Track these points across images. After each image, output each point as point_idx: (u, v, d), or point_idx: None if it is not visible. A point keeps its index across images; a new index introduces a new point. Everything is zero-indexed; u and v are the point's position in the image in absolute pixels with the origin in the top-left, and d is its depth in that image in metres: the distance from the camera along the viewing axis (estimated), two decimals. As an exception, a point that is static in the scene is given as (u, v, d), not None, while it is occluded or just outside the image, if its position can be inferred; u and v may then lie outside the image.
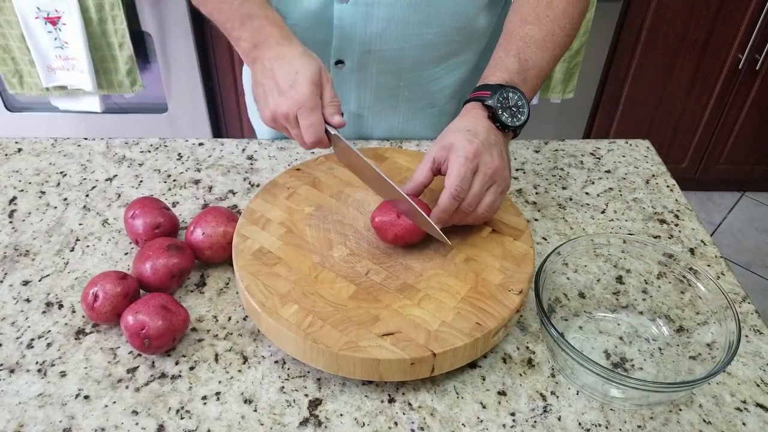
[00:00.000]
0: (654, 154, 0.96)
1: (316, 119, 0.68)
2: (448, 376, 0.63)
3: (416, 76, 0.89)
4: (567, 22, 0.75)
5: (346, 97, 0.92)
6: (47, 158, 0.91)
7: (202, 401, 0.60)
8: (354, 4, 0.80)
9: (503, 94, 0.68)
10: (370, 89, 0.90)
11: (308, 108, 0.68)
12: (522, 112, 0.69)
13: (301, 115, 0.68)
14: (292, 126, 0.70)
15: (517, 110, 0.69)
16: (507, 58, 0.72)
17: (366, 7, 0.80)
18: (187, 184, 0.87)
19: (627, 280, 0.71)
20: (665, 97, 2.01)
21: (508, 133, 0.70)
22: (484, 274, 0.66)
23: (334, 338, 0.59)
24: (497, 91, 0.68)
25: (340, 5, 0.80)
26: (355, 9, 0.80)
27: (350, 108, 0.93)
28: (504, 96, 0.68)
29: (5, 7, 1.58)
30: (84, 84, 1.69)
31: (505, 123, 0.68)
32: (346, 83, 0.90)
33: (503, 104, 0.68)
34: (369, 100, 0.92)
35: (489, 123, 0.68)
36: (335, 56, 0.86)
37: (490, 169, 0.65)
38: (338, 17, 0.82)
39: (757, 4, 1.81)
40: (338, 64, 0.87)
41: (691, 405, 0.61)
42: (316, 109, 0.69)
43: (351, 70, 0.88)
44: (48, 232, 0.79)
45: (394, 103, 0.93)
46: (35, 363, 0.63)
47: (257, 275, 0.65)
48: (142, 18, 1.68)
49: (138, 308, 0.62)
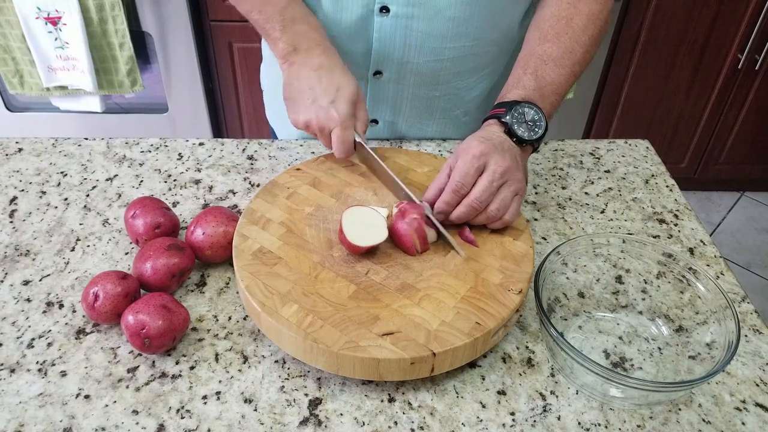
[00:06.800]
0: (653, 154, 0.96)
1: (349, 136, 0.76)
2: (448, 376, 0.63)
3: (452, 86, 0.90)
4: (587, 38, 0.76)
5: (383, 106, 0.93)
6: (48, 158, 0.91)
7: (202, 401, 0.60)
8: (394, 17, 0.81)
9: (519, 110, 0.71)
10: (406, 99, 0.91)
11: (344, 127, 0.75)
12: (539, 126, 0.71)
13: (336, 132, 0.75)
14: (323, 136, 0.77)
15: (534, 125, 0.71)
16: (524, 76, 0.75)
17: (405, 20, 0.81)
18: (188, 184, 0.87)
19: (626, 279, 0.71)
20: (664, 97, 2.01)
21: (526, 147, 0.72)
22: (484, 273, 0.66)
23: (334, 338, 0.59)
24: (512, 107, 0.71)
25: (380, 18, 0.81)
26: (394, 22, 0.81)
27: (386, 117, 0.94)
28: (519, 111, 0.71)
29: (6, 7, 1.59)
30: (84, 84, 1.70)
31: (521, 137, 0.70)
32: (383, 93, 0.91)
33: (519, 119, 0.71)
34: (405, 110, 0.93)
35: (504, 136, 0.71)
36: (374, 67, 0.87)
37: (500, 167, 0.66)
38: (378, 30, 0.82)
39: (756, 5, 1.81)
40: (376, 74, 0.88)
41: (691, 405, 0.61)
42: (350, 128, 0.76)
43: (388, 80, 0.89)
44: (48, 231, 0.79)
45: (429, 112, 0.94)
46: (36, 363, 0.63)
47: (257, 275, 0.65)
48: (143, 18, 1.68)
49: (138, 308, 0.62)
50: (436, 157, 0.84)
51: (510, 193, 0.68)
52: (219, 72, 1.87)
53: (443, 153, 0.93)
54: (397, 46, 0.84)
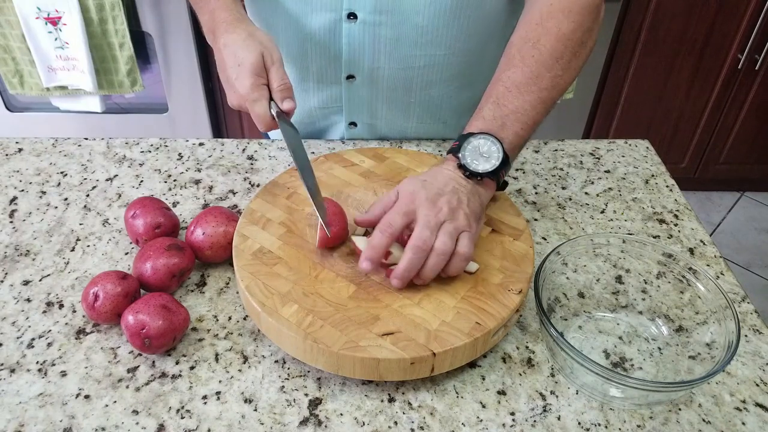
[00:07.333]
0: (653, 154, 0.96)
1: (260, 108, 0.70)
2: (448, 376, 0.63)
3: (426, 94, 0.89)
4: (554, 62, 0.71)
5: (359, 108, 0.92)
6: (48, 158, 0.91)
7: (202, 401, 0.60)
8: (362, 23, 0.80)
9: (473, 143, 0.68)
10: (381, 103, 0.91)
11: (251, 101, 0.70)
12: (496, 157, 0.67)
13: (248, 108, 0.71)
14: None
15: (489, 156, 0.67)
16: (485, 105, 0.71)
17: (373, 27, 0.80)
18: (188, 184, 0.87)
19: (626, 279, 0.71)
20: (665, 97, 2.01)
21: (485, 182, 0.68)
22: (484, 273, 0.66)
23: (334, 338, 0.59)
24: (465, 140, 0.68)
25: (348, 24, 0.81)
26: (362, 28, 0.81)
27: (364, 119, 0.94)
28: (474, 144, 0.68)
29: (6, 7, 1.59)
30: (84, 84, 1.70)
31: (474, 171, 0.67)
32: (357, 96, 0.90)
33: (472, 153, 0.67)
34: (381, 113, 0.93)
35: (454, 173, 0.67)
36: (346, 71, 0.87)
37: (431, 211, 0.63)
38: (347, 35, 0.82)
39: (756, 4, 1.81)
40: (349, 78, 0.88)
41: (691, 405, 0.61)
42: (259, 99, 0.70)
43: (362, 84, 0.88)
44: (48, 231, 0.79)
45: (405, 117, 0.93)
46: (36, 363, 0.63)
47: (257, 275, 0.65)
48: (142, 18, 1.68)
49: (138, 308, 0.62)
50: (436, 158, 0.84)
51: (451, 229, 0.62)
52: (219, 72, 1.86)
53: (443, 153, 0.93)
54: (366, 52, 0.84)
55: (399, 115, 0.92)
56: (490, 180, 0.68)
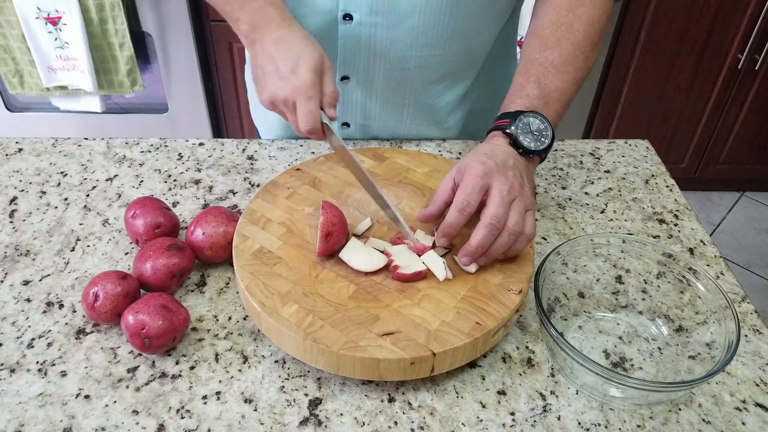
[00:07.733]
0: (653, 154, 0.96)
1: (314, 107, 0.69)
2: (448, 376, 0.63)
3: (420, 95, 0.90)
4: (587, 44, 0.75)
5: (353, 109, 0.92)
6: (48, 158, 0.91)
7: (202, 401, 0.60)
8: (357, 24, 0.80)
9: (523, 120, 0.69)
10: (375, 104, 0.91)
11: (307, 96, 0.68)
12: (545, 135, 0.70)
13: (299, 103, 0.69)
14: (290, 111, 0.71)
15: (540, 134, 0.69)
16: (527, 84, 0.73)
17: (369, 28, 0.80)
18: (188, 184, 0.87)
19: (626, 279, 0.71)
20: (665, 97, 2.01)
21: (532, 158, 0.70)
22: (484, 273, 0.66)
23: (334, 338, 0.59)
24: (517, 118, 0.69)
25: (343, 25, 0.81)
26: (358, 29, 0.81)
27: (357, 120, 0.94)
28: (524, 122, 0.69)
29: (6, 7, 1.59)
30: (84, 84, 1.70)
31: (528, 148, 0.68)
32: (351, 98, 0.90)
33: (524, 130, 0.69)
34: (375, 114, 0.93)
35: (510, 149, 0.69)
36: (341, 72, 0.87)
37: (505, 186, 0.64)
38: (342, 36, 0.82)
39: (756, 4, 1.81)
40: (344, 79, 0.88)
41: (691, 404, 0.61)
42: (315, 98, 0.69)
43: (356, 86, 0.89)
44: (48, 231, 0.79)
45: (398, 118, 0.93)
46: (36, 363, 0.63)
47: (257, 275, 0.65)
48: (142, 18, 1.68)
49: (138, 308, 0.62)
50: (436, 158, 0.84)
51: (522, 208, 0.64)
52: (219, 72, 1.87)
53: (443, 153, 0.93)
54: (362, 53, 0.84)
55: (392, 116, 0.93)
56: (538, 157, 0.70)
